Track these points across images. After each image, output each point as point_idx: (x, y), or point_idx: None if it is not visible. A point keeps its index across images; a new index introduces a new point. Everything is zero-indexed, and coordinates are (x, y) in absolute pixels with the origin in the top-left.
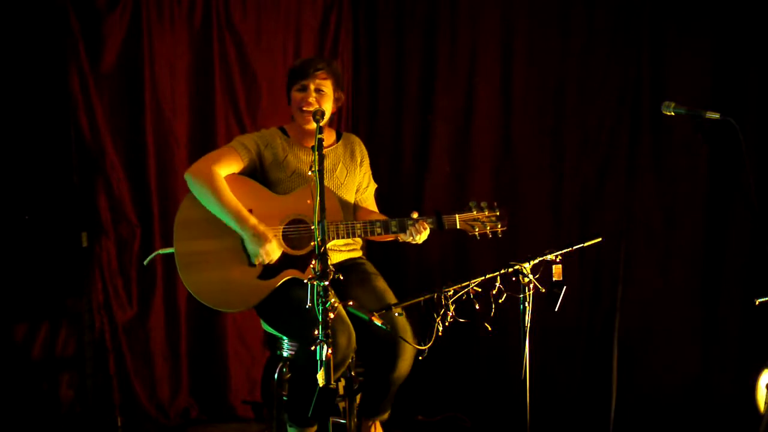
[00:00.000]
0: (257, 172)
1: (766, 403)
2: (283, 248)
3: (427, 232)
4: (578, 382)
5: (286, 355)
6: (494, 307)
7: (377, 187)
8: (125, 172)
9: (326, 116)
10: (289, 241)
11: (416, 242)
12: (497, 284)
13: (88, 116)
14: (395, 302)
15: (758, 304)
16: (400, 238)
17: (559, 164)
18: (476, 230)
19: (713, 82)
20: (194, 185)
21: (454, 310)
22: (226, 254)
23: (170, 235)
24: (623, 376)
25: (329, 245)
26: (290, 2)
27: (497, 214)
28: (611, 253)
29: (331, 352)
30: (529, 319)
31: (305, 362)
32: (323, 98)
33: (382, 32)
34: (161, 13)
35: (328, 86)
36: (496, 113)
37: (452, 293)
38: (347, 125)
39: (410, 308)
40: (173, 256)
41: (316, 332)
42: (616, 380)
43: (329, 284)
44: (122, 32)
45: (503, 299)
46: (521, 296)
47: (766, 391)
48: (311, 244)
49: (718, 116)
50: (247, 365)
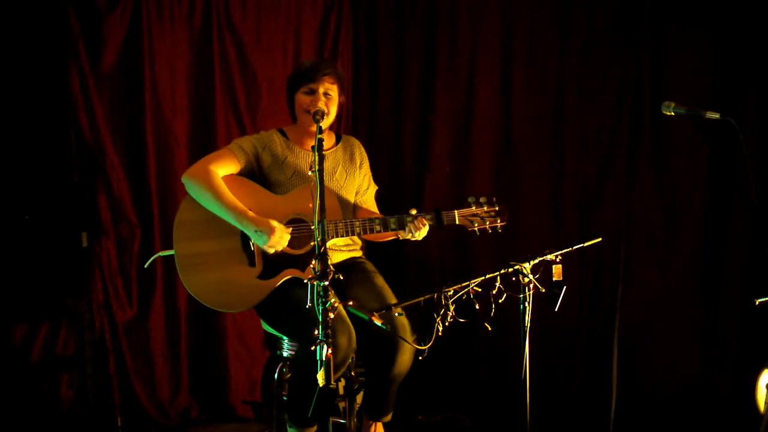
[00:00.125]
0: (255, 174)
1: (766, 403)
2: (282, 247)
3: (426, 228)
4: (578, 382)
5: (286, 355)
6: (494, 307)
7: (378, 189)
8: (125, 172)
9: (330, 119)
10: (288, 240)
11: (416, 239)
12: (497, 284)
13: (88, 116)
14: (394, 300)
15: (758, 304)
16: (399, 235)
17: (559, 164)
18: (475, 225)
19: (713, 82)
20: (192, 186)
21: (454, 310)
22: (225, 255)
23: (170, 235)
24: (623, 376)
25: (329, 245)
26: (290, 2)
27: (496, 209)
28: (611, 253)
29: (331, 352)
30: (529, 319)
31: (305, 362)
32: (330, 102)
33: (382, 32)
34: (161, 13)
35: (335, 90)
36: (496, 113)
37: (452, 293)
38: (347, 125)
39: (410, 308)
40: (173, 257)
41: (316, 332)
42: (616, 380)
43: (329, 284)
44: (122, 32)
45: (503, 299)
46: (521, 296)
47: (766, 391)
48: (311, 243)
49: (718, 116)
50: (247, 365)
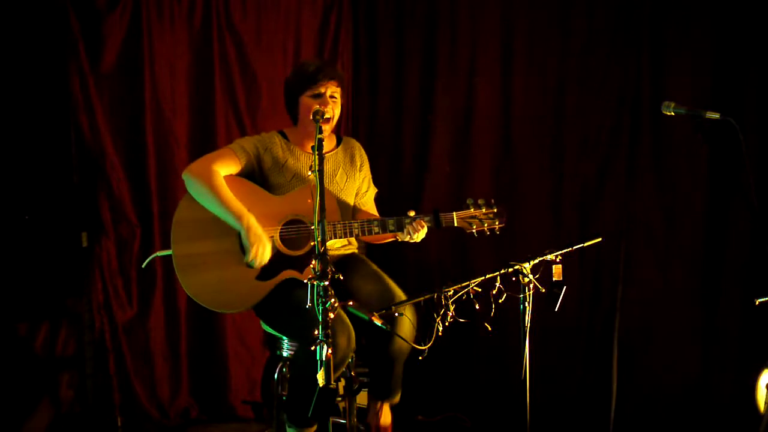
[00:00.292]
0: (256, 175)
1: (766, 403)
2: (280, 249)
3: (425, 230)
4: (578, 382)
5: (286, 355)
6: (494, 307)
7: (377, 191)
8: (125, 172)
9: (335, 122)
10: (286, 241)
11: (414, 241)
12: (497, 284)
13: (88, 116)
14: (391, 281)
15: (758, 304)
16: (398, 237)
17: (559, 164)
18: (474, 227)
19: (713, 82)
20: (192, 184)
21: (454, 310)
22: (223, 255)
23: (169, 235)
24: (623, 376)
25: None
26: (290, 2)
27: (495, 211)
28: (611, 253)
29: (330, 352)
30: (529, 319)
31: (305, 362)
32: (336, 105)
33: (382, 32)
34: (161, 13)
35: (339, 93)
36: (496, 113)
37: (452, 293)
38: (347, 126)
39: (414, 311)
40: (171, 257)
41: (315, 332)
42: (616, 380)
43: (329, 284)
44: (122, 32)
45: (503, 299)
46: (521, 296)
47: (766, 391)
48: (309, 244)
49: (718, 116)
50: (247, 365)
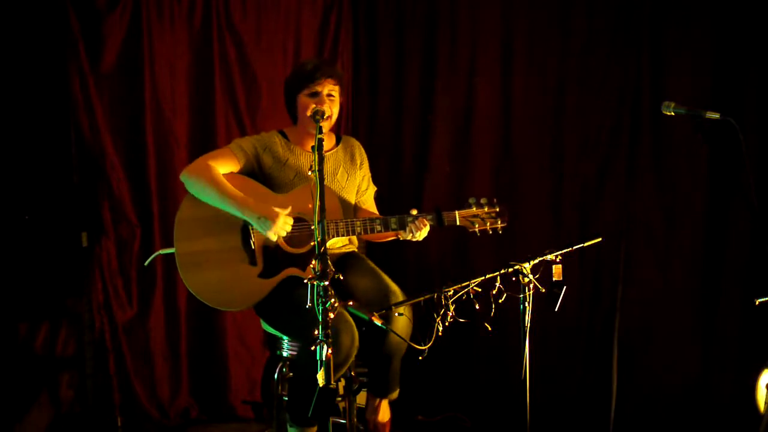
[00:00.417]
0: (257, 175)
1: (766, 403)
2: (283, 246)
3: (427, 228)
4: (578, 382)
5: (286, 355)
6: (494, 307)
7: (377, 190)
8: (125, 172)
9: (333, 120)
10: (289, 239)
11: (416, 239)
12: (497, 284)
13: (88, 116)
14: (387, 277)
15: (758, 304)
16: (400, 236)
17: (559, 164)
18: (476, 226)
19: (713, 82)
20: (191, 181)
21: (454, 310)
22: (226, 253)
23: (170, 234)
24: (623, 376)
25: (327, 246)
26: (290, 2)
27: (497, 210)
28: (611, 253)
29: (331, 352)
30: (529, 319)
31: (306, 362)
32: (333, 104)
33: (382, 32)
34: (161, 13)
35: (337, 91)
36: (496, 113)
37: (452, 293)
38: (347, 126)
39: (410, 308)
40: (173, 255)
41: (316, 332)
42: (616, 380)
43: (330, 284)
44: (122, 32)
45: (503, 299)
46: (521, 296)
47: (766, 391)
48: (312, 242)
49: (718, 116)
50: (247, 365)
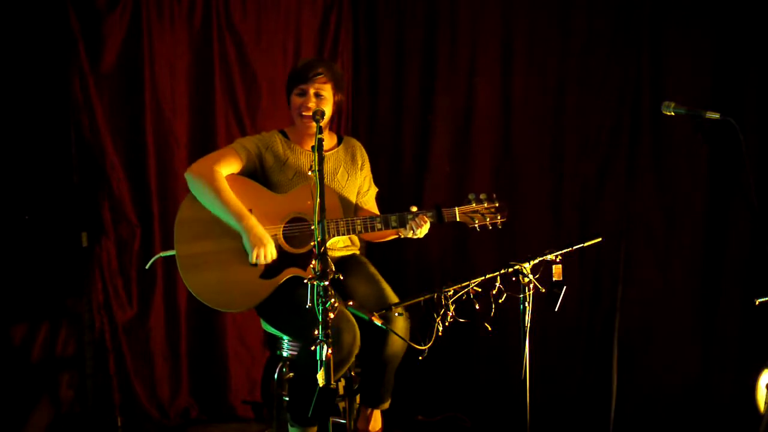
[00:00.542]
0: (258, 174)
1: (766, 403)
2: (284, 247)
3: (427, 225)
4: (578, 382)
5: (286, 355)
6: (494, 307)
7: (378, 191)
8: (125, 172)
9: (326, 119)
10: (289, 239)
11: (417, 236)
12: (497, 284)
13: (88, 116)
14: (386, 283)
15: (758, 304)
16: (400, 233)
17: (559, 164)
18: (476, 222)
19: (713, 82)
20: (194, 184)
21: (454, 310)
22: (227, 254)
23: (170, 235)
24: (623, 376)
25: (328, 245)
26: (290, 2)
27: (496, 205)
28: (611, 253)
29: (331, 351)
30: (529, 319)
31: (308, 361)
32: (322, 102)
33: (382, 32)
34: (161, 13)
35: (327, 90)
36: (496, 113)
37: (452, 293)
38: (347, 125)
39: (410, 308)
40: (174, 257)
41: (316, 332)
42: (616, 380)
43: (330, 284)
44: (122, 32)
45: (503, 299)
46: (521, 296)
47: (766, 391)
48: (312, 242)
49: (718, 116)
50: (247, 365)
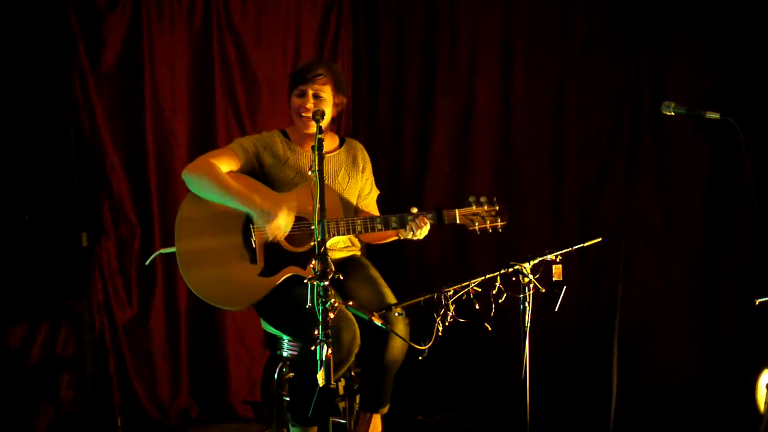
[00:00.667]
0: (257, 174)
1: (766, 403)
2: (283, 245)
3: (427, 227)
4: (578, 382)
5: (286, 355)
6: (494, 307)
7: (380, 194)
8: (125, 172)
9: (326, 119)
10: (290, 238)
11: (417, 238)
12: (497, 284)
13: (88, 116)
14: (387, 288)
15: (758, 304)
16: (400, 234)
17: (559, 164)
18: (476, 225)
19: (713, 82)
20: (193, 179)
21: (454, 310)
22: (227, 252)
23: (170, 234)
24: (623, 376)
25: (328, 245)
26: (290, 2)
27: (497, 208)
28: (611, 253)
29: (331, 351)
30: (529, 319)
31: (308, 361)
32: (322, 103)
33: (382, 32)
34: (161, 13)
35: (327, 91)
36: (496, 113)
37: (452, 293)
38: (347, 126)
39: (410, 308)
40: (174, 255)
41: (316, 332)
42: (616, 380)
43: (330, 284)
44: (122, 32)
45: (503, 299)
46: (521, 296)
47: (766, 391)
48: (312, 242)
49: (718, 116)
50: (247, 365)
